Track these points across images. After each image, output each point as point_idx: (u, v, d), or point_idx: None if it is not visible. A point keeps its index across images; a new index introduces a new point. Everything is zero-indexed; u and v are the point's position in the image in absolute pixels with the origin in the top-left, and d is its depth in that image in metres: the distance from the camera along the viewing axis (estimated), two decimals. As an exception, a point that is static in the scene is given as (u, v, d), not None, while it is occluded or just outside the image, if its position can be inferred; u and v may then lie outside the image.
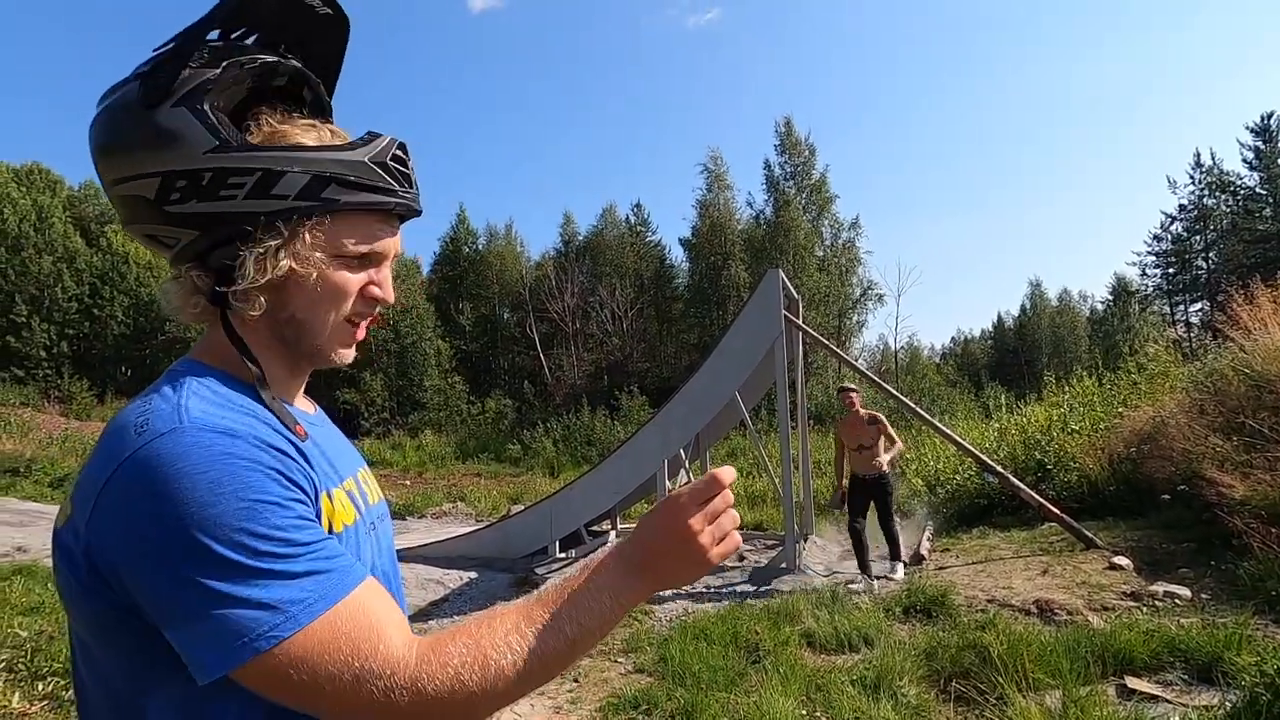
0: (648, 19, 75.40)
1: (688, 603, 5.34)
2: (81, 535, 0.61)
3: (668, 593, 5.64)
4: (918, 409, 7.06)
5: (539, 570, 6.65)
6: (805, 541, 7.16)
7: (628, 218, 32.86)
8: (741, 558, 6.83)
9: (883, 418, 5.82)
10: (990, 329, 49.15)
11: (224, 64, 0.68)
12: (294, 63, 0.75)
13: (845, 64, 76.35)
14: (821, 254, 26.57)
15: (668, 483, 6.80)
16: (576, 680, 3.95)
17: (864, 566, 5.68)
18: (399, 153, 0.74)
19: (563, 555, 6.99)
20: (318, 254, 0.71)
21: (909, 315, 50.92)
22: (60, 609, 5.06)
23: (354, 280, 0.74)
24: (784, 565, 6.08)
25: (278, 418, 0.70)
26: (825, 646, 4.24)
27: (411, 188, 0.76)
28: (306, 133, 0.73)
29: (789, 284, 7.07)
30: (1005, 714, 2.94)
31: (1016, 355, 41.18)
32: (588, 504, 7.00)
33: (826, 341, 7.48)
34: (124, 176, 0.68)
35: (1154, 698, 3.21)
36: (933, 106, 71.42)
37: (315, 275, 0.72)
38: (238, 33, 0.72)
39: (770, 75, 70.16)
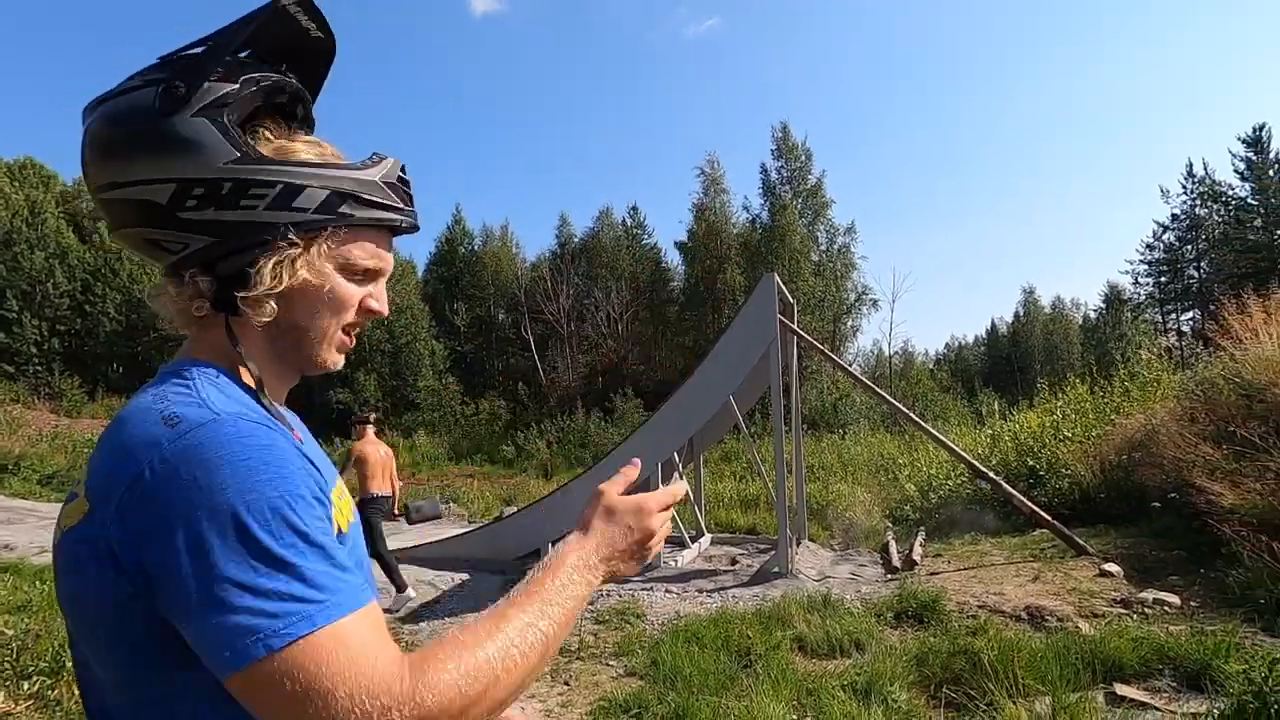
0: (648, 26, 75.68)
1: (680, 605, 5.33)
2: (107, 531, 0.60)
3: (658, 594, 5.64)
4: (911, 414, 7.08)
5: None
6: (798, 546, 7.16)
7: (624, 220, 32.92)
8: (734, 561, 6.83)
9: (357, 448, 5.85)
10: (984, 335, 49.41)
11: (241, 80, 0.71)
12: (295, 82, 0.78)
13: (843, 72, 76.74)
14: (817, 259, 26.64)
15: (661, 487, 6.79)
16: (567, 684, 3.93)
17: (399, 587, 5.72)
18: (403, 174, 0.79)
19: (555, 557, 6.97)
20: (328, 266, 0.74)
21: (903, 321, 51.24)
22: (48, 607, 5.02)
23: (357, 292, 0.78)
24: (776, 570, 6.07)
25: (277, 421, 0.70)
26: (817, 651, 4.24)
27: (413, 206, 0.80)
28: (310, 149, 0.76)
29: (784, 288, 7.09)
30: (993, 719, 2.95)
31: (1010, 362, 41.39)
32: (581, 507, 6.98)
33: (821, 346, 7.49)
34: (130, 181, 0.69)
35: (1143, 705, 3.23)
36: (929, 114, 71.82)
37: (326, 286, 0.75)
38: (244, 52, 0.75)
39: (768, 82, 70.46)
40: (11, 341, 29.55)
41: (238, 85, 0.70)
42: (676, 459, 6.93)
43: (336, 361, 0.80)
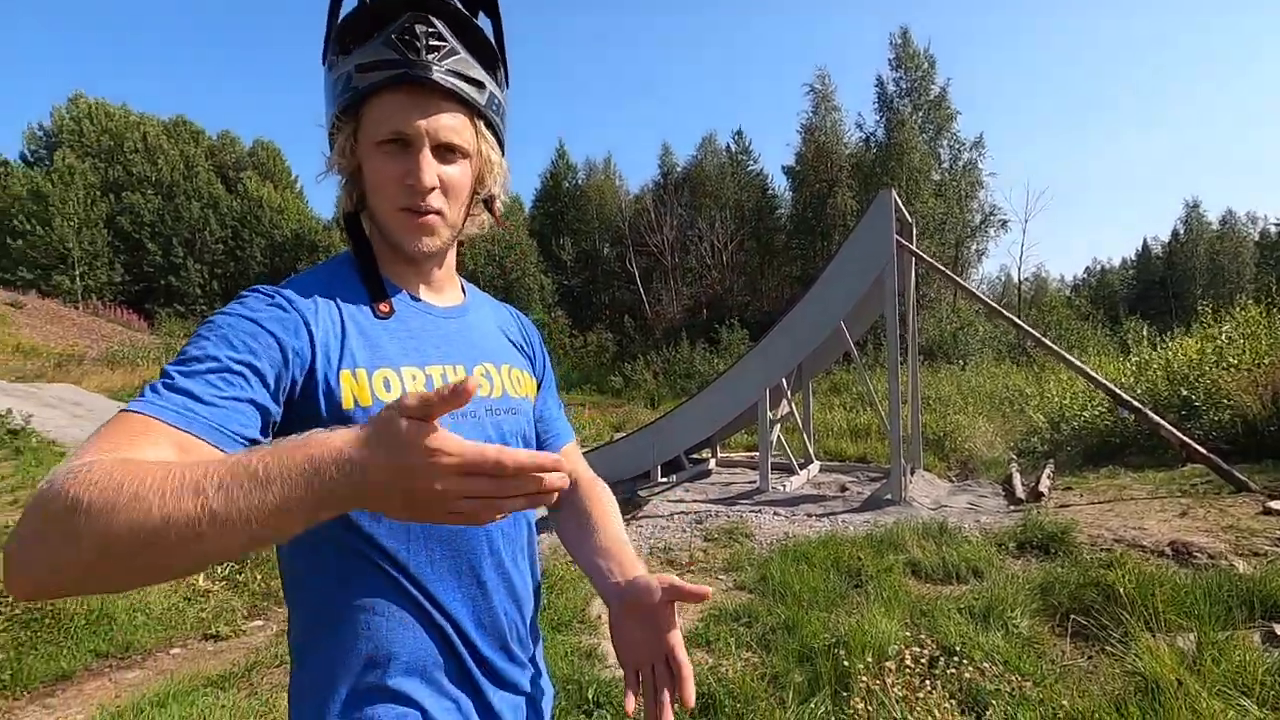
0: (751, -72, 70.31)
1: (788, 527, 5.36)
2: None
3: (766, 516, 5.70)
4: (1044, 339, 6.54)
5: (641, 492, 6.88)
6: (913, 475, 6.95)
7: (728, 146, 31.74)
8: (844, 489, 6.74)
9: None
10: (1133, 257, 44.37)
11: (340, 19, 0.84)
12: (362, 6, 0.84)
13: (974, -38, 68.30)
14: (938, 178, 24.59)
15: (769, 413, 6.75)
16: (679, 593, 4.10)
17: None
18: (412, 25, 0.77)
19: (664, 479, 7.17)
20: (364, 145, 0.80)
21: (1035, 243, 46.12)
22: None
23: (392, 168, 0.80)
24: (889, 496, 5.95)
25: (366, 288, 0.83)
26: (931, 576, 4.15)
27: (418, 55, 0.77)
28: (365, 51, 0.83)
29: (902, 207, 6.64)
30: (1130, 651, 2.79)
31: (1164, 285, 37.04)
32: (688, 431, 7.10)
33: (943, 268, 7.01)
34: None
35: (1308, 646, 2.94)
36: (1070, 4, 62.83)
37: (367, 167, 0.81)
38: None
39: (886, -19, 64.07)
40: (180, 284, 33.32)
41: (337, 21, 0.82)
42: (785, 385, 6.84)
43: (418, 242, 0.82)
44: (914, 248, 6.75)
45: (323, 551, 0.77)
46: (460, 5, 0.84)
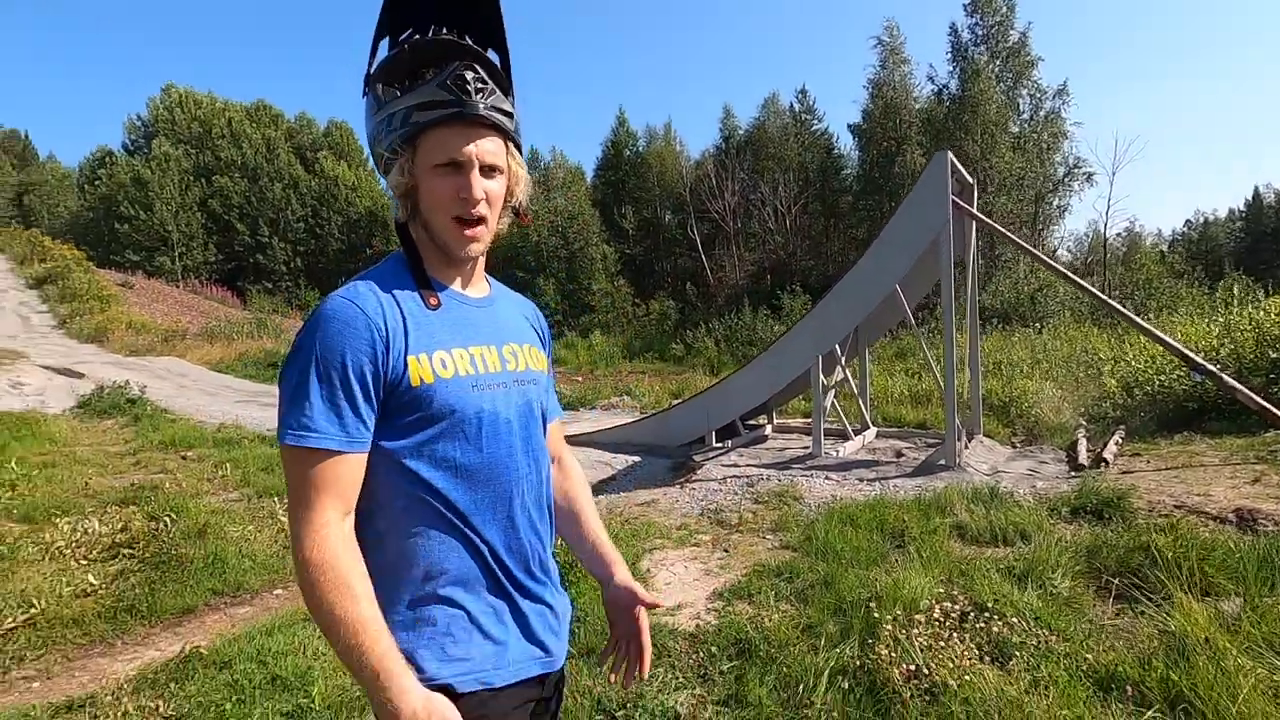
0: None
1: (838, 491, 5.47)
2: None
3: (818, 480, 5.82)
4: (1109, 300, 6.29)
5: (696, 457, 7.09)
6: (971, 441, 6.89)
7: (792, 105, 30.81)
8: (900, 454, 6.76)
9: None
10: (1242, 207, 40.76)
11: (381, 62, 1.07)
12: (406, 51, 1.06)
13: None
14: (1017, 130, 23.18)
15: (822, 378, 6.80)
16: (726, 551, 4.32)
17: None
18: (462, 72, 0.99)
19: (719, 445, 7.35)
20: (420, 169, 1.01)
21: (1125, 196, 42.65)
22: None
23: (447, 186, 1.01)
24: (942, 462, 5.95)
25: (417, 285, 1.04)
26: (977, 539, 4.19)
27: (469, 96, 0.99)
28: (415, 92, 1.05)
29: (961, 168, 6.46)
30: (1166, 612, 2.82)
31: (1276, 238, 33.93)
32: (742, 398, 7.22)
33: (1004, 230, 6.81)
34: None
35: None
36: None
37: (424, 186, 1.02)
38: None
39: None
40: (267, 262, 35.35)
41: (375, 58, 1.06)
42: (838, 351, 6.86)
43: (465, 248, 1.05)
44: (974, 210, 6.57)
45: (395, 492, 1.00)
46: (476, 44, 1.05)
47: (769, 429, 7.90)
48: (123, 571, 3.96)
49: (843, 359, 7.03)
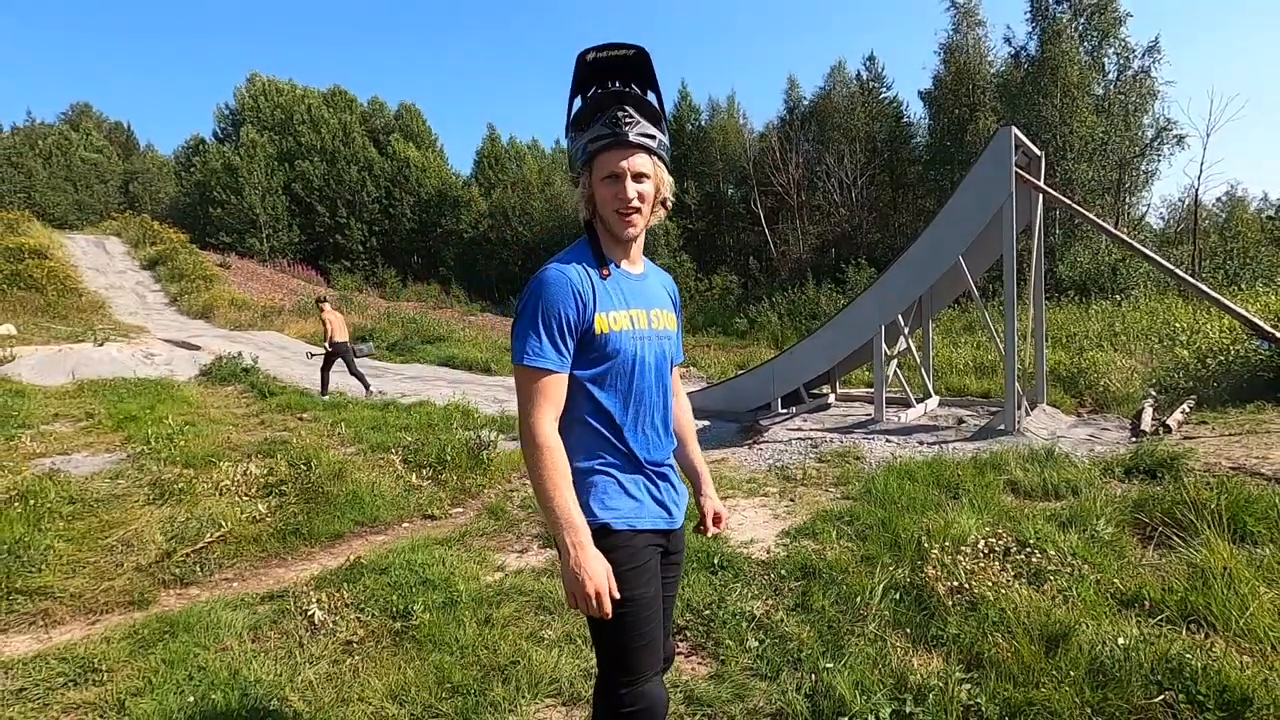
0: None
1: (898, 452, 5.82)
2: None
3: (879, 442, 6.17)
4: (1177, 270, 6.32)
5: (763, 421, 7.52)
6: (1033, 410, 7.06)
7: (859, 74, 30.08)
8: (961, 421, 7.01)
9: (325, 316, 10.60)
10: (1359, 168, 37.31)
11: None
12: (595, 96, 1.55)
13: None
14: (1101, 92, 22.09)
15: (885, 348, 7.09)
16: (792, 500, 4.78)
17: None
18: (616, 113, 1.49)
19: (783, 411, 7.76)
20: (595, 181, 1.53)
21: (1220, 159, 38.71)
22: (424, 428, 7.14)
23: (612, 191, 1.51)
24: (1001, 427, 6.20)
25: (597, 262, 1.54)
26: (1029, 493, 4.50)
27: (621, 128, 1.48)
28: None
29: (1026, 141, 6.57)
30: (1194, 548, 3.12)
31: (1397, 201, 31.06)
32: (807, 366, 7.59)
33: (1067, 200, 6.87)
34: None
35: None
36: None
37: (598, 193, 1.53)
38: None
39: None
40: (345, 241, 37.21)
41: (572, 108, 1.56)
42: (901, 321, 7.13)
43: (626, 232, 1.55)
44: (1041, 182, 6.68)
45: (579, 403, 1.53)
46: (640, 90, 1.53)
47: (832, 397, 8.24)
48: (281, 504, 4.75)
49: (905, 329, 7.29)
